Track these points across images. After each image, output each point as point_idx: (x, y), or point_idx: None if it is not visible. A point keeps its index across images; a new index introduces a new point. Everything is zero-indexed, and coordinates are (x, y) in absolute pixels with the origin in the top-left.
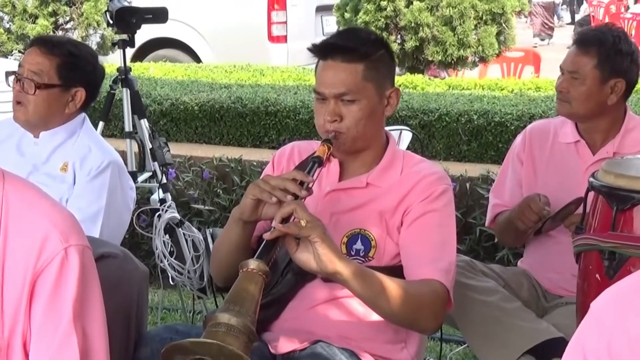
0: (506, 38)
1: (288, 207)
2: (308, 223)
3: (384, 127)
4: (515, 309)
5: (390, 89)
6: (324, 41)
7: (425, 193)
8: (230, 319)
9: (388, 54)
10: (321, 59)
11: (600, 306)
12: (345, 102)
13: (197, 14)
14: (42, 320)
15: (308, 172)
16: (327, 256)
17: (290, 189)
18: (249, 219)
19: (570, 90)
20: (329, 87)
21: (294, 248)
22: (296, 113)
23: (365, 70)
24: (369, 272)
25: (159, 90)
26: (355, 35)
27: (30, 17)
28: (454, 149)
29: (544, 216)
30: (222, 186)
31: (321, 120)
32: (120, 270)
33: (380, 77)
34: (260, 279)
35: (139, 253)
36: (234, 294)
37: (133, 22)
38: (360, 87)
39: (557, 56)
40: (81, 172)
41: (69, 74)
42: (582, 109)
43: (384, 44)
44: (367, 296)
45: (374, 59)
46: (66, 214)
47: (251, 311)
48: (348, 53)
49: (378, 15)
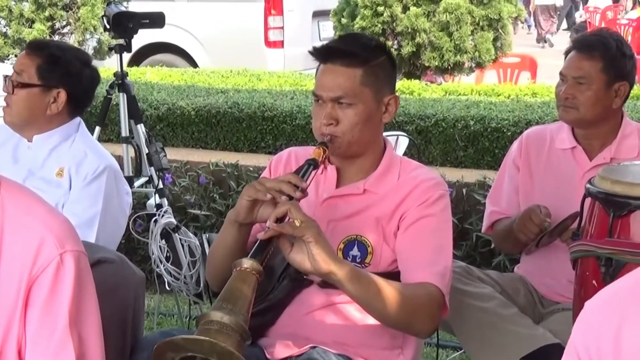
0: (503, 44)
1: (282, 207)
2: (302, 223)
3: (381, 133)
4: (512, 315)
5: (389, 96)
6: (325, 45)
7: (421, 198)
8: (223, 317)
9: (389, 61)
10: (321, 62)
11: (592, 307)
12: (342, 106)
13: (194, 19)
14: (37, 326)
15: (303, 174)
16: (321, 256)
17: (285, 190)
18: (245, 220)
19: (576, 95)
20: (326, 90)
21: (288, 249)
22: (293, 118)
23: (363, 76)
24: (364, 274)
25: (156, 95)
26: (356, 41)
27: (27, 22)
28: (451, 154)
29: (545, 228)
30: (219, 191)
31: (318, 123)
32: (116, 276)
33: (378, 83)
34: (253, 278)
35: (135, 258)
36: (227, 293)
37: (130, 27)
38: (357, 91)
39: (554, 62)
40: (77, 177)
41: (49, 74)
42: (590, 114)
43: (385, 51)
44: (362, 298)
45: (373, 65)
46: (62, 220)
47: (244, 310)
48: (348, 57)
49: (375, 21)
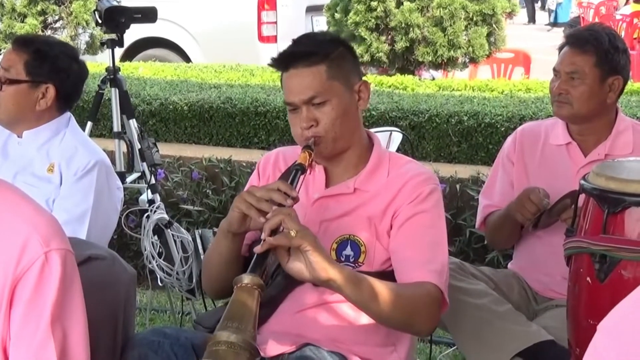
0: (496, 39)
1: (276, 218)
2: (298, 233)
3: (361, 123)
4: (506, 311)
5: (358, 83)
6: (282, 53)
7: (413, 194)
8: (230, 336)
9: (348, 50)
10: (284, 70)
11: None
12: (317, 106)
13: (187, 13)
14: (20, 324)
15: (292, 181)
16: (320, 264)
17: (275, 199)
18: (238, 230)
19: (570, 91)
20: (297, 94)
21: (286, 258)
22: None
23: (328, 70)
24: (362, 278)
25: (148, 90)
26: (311, 39)
27: (19, 16)
28: (444, 150)
29: (543, 207)
30: (212, 187)
31: (298, 130)
32: (107, 273)
33: (344, 73)
34: (256, 292)
35: (127, 254)
36: (231, 311)
37: (122, 21)
38: (327, 87)
39: (547, 58)
40: (68, 172)
41: (37, 69)
42: (584, 109)
43: (341, 42)
44: (361, 301)
45: (334, 57)
46: (48, 218)
47: (250, 326)
48: (308, 57)
49: (368, 16)
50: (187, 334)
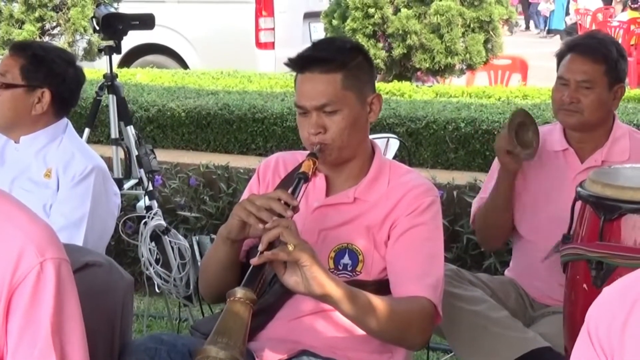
0: (493, 46)
1: (275, 230)
2: (296, 247)
3: (368, 134)
4: (503, 318)
5: (371, 95)
6: (300, 54)
7: (412, 206)
8: (219, 352)
9: (366, 61)
10: (299, 72)
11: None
12: (328, 113)
13: (185, 20)
14: (18, 336)
15: (294, 190)
16: (316, 280)
17: (275, 209)
18: (237, 237)
19: (581, 99)
20: (309, 99)
21: (282, 271)
22: (283, 120)
23: (344, 80)
24: (358, 293)
25: (146, 96)
26: (331, 45)
27: (16, 23)
28: (441, 156)
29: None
30: (209, 193)
31: (305, 134)
32: (104, 280)
33: (360, 84)
34: (247, 307)
35: (124, 260)
36: (221, 325)
37: (119, 28)
38: (341, 96)
39: (544, 64)
40: (65, 177)
41: (33, 74)
42: (594, 118)
43: (361, 51)
44: (356, 317)
45: (352, 67)
46: (43, 227)
47: (239, 342)
48: (325, 64)
49: (366, 23)
50: (185, 340)
